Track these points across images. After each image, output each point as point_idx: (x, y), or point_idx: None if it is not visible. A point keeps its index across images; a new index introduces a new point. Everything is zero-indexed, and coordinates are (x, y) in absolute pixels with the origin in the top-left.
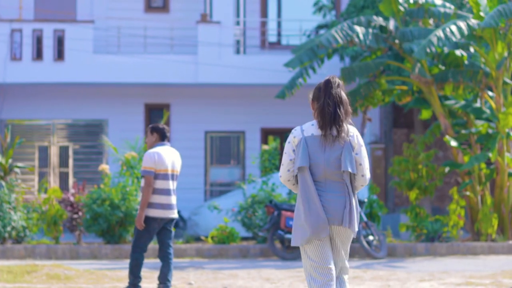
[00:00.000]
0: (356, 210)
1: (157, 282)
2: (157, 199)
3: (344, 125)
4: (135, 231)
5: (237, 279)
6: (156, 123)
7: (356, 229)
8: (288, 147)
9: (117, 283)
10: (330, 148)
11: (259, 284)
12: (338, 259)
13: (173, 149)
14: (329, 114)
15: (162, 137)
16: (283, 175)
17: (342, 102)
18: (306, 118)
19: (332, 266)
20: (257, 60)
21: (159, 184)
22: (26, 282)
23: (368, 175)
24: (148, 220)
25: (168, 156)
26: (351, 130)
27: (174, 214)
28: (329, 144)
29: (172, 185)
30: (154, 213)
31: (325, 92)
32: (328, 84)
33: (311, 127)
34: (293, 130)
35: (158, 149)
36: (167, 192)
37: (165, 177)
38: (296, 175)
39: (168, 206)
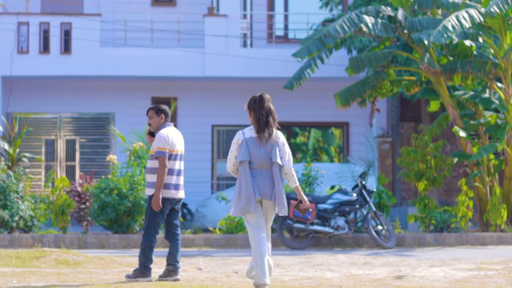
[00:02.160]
0: (283, 190)
1: (165, 264)
2: (169, 179)
3: (273, 129)
4: (149, 213)
5: (247, 265)
6: (159, 104)
7: (284, 205)
8: (233, 146)
9: (126, 268)
10: (264, 146)
11: None
12: (267, 226)
13: (177, 130)
14: (263, 122)
15: (167, 117)
16: (229, 167)
17: (271, 113)
18: (313, 112)
19: (264, 230)
20: (264, 54)
21: (171, 164)
22: (35, 266)
23: (289, 162)
24: (162, 201)
25: (176, 136)
26: (278, 134)
27: (182, 194)
28: (263, 143)
29: (180, 165)
30: (167, 193)
31: (259, 105)
32: (261, 99)
33: (250, 131)
34: (237, 134)
35: (167, 130)
36: (178, 172)
37: (176, 157)
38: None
39: (179, 186)
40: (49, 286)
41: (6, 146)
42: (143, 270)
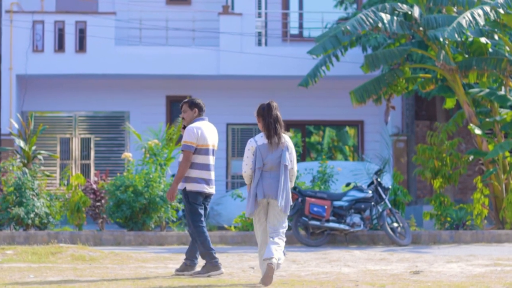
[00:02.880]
0: (288, 191)
1: (184, 258)
2: (199, 174)
3: (282, 135)
4: (188, 209)
5: None
6: (192, 98)
7: (287, 204)
8: (248, 152)
9: (142, 263)
10: (274, 151)
11: (286, 265)
12: (271, 224)
13: (212, 124)
14: (272, 129)
15: (201, 111)
16: (247, 171)
17: (279, 120)
18: (327, 111)
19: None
20: (279, 52)
21: (201, 159)
22: (51, 262)
23: (295, 169)
24: (193, 194)
25: (209, 131)
26: (286, 138)
27: (213, 190)
28: (274, 148)
29: (212, 160)
30: (197, 187)
31: (268, 113)
32: (269, 107)
33: (260, 138)
34: (249, 141)
35: (199, 124)
36: (208, 167)
37: (206, 152)
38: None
39: (210, 182)
40: (66, 280)
41: (22, 144)
42: (214, 263)
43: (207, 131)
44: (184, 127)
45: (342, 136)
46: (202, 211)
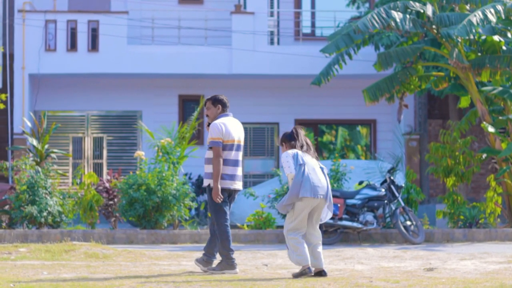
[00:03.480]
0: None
1: (202, 253)
2: (225, 170)
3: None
4: (212, 207)
5: (276, 258)
6: (215, 94)
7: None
8: (289, 158)
9: (155, 261)
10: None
11: None
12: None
13: (237, 120)
14: (306, 146)
15: (224, 107)
16: (292, 172)
17: (307, 140)
18: (339, 110)
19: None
20: (291, 51)
21: (226, 154)
22: (64, 259)
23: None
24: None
25: (234, 126)
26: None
27: (240, 186)
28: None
29: (238, 155)
30: (223, 184)
31: (297, 136)
32: (298, 131)
33: (301, 153)
34: (288, 155)
35: (223, 120)
36: (234, 163)
37: (231, 147)
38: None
39: (236, 177)
40: (80, 277)
41: (35, 142)
42: (230, 262)
43: (231, 126)
44: (209, 125)
45: (355, 136)
46: (227, 209)
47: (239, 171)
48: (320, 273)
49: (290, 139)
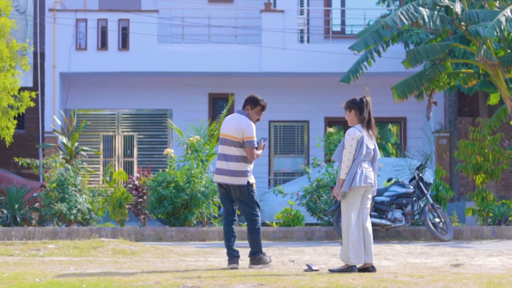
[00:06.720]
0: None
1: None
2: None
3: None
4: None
5: (304, 254)
6: (252, 94)
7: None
8: (352, 142)
9: (183, 257)
10: (370, 142)
11: (326, 259)
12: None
13: (239, 115)
14: (371, 121)
15: (245, 106)
16: (350, 159)
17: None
18: None
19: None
20: (321, 49)
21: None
22: (92, 256)
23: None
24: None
25: (226, 121)
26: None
27: (218, 179)
28: (370, 139)
29: (221, 149)
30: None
31: (366, 107)
32: (368, 101)
33: (366, 140)
34: (353, 131)
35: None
36: (218, 156)
37: (220, 141)
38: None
39: (217, 171)
40: (106, 272)
41: (65, 140)
42: (263, 256)
43: (224, 122)
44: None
45: (385, 134)
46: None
47: (218, 164)
48: (368, 268)
49: (360, 109)
